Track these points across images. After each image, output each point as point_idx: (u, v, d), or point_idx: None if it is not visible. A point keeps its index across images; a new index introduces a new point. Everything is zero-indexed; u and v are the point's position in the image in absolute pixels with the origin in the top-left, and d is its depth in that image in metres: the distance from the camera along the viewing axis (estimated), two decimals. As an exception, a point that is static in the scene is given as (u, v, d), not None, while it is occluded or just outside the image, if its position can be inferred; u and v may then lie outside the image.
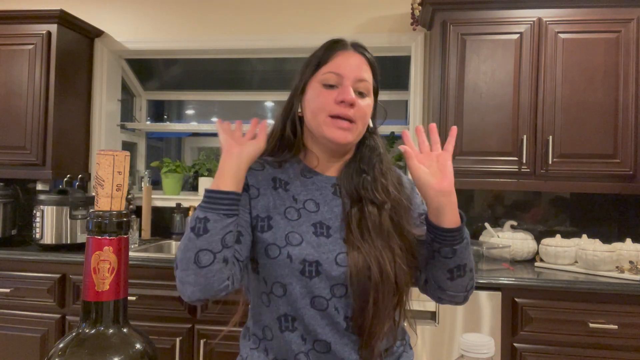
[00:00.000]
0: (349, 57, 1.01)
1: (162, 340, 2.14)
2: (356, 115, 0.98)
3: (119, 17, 2.94)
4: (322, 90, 1.00)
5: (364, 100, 1.01)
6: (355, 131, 1.00)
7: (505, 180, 2.27)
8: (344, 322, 0.95)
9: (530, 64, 2.26)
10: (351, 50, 1.02)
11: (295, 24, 2.80)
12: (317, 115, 1.00)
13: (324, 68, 1.01)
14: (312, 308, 0.94)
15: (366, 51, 1.04)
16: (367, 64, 1.03)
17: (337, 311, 0.95)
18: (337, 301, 0.95)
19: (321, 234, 0.97)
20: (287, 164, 1.06)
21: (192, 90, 3.36)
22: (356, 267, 0.93)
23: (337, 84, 0.99)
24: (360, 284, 0.93)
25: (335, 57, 1.01)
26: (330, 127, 0.98)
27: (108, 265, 0.51)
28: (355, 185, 1.03)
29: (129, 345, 0.52)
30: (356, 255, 0.94)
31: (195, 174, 3.07)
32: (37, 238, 2.40)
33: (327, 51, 1.02)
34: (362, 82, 1.00)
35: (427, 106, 2.68)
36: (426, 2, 2.35)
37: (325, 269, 0.94)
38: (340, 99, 0.97)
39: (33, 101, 2.55)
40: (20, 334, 2.25)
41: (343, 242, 0.97)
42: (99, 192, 0.53)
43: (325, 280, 0.94)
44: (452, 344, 2.03)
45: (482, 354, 0.64)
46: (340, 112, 0.97)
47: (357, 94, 0.99)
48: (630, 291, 1.92)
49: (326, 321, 0.95)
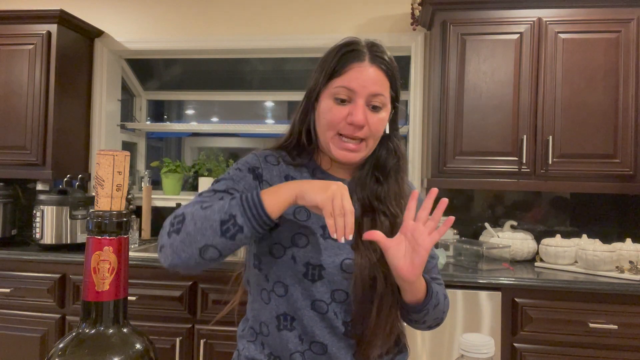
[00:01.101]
0: (363, 70, 0.95)
1: (162, 340, 2.14)
2: (366, 134, 0.96)
3: (119, 17, 2.94)
4: (334, 105, 0.95)
5: (378, 114, 0.96)
6: (363, 150, 0.98)
7: (505, 180, 2.27)
8: (342, 327, 0.95)
9: (530, 64, 2.26)
10: (366, 61, 0.96)
11: (296, 24, 2.80)
12: (326, 131, 0.97)
13: (336, 80, 0.95)
14: (312, 310, 0.94)
15: (384, 60, 0.98)
16: (384, 76, 0.97)
17: (335, 315, 0.95)
18: (337, 306, 0.95)
19: (329, 237, 0.96)
20: (301, 163, 1.04)
21: (192, 90, 3.36)
22: (362, 275, 0.92)
23: (349, 99, 0.95)
24: (364, 292, 0.93)
25: (348, 70, 0.95)
26: (337, 147, 0.96)
27: (108, 265, 0.51)
28: (368, 195, 1.00)
29: (129, 345, 0.52)
30: (363, 263, 0.93)
31: (195, 174, 3.07)
32: (37, 238, 2.39)
33: (340, 61, 0.96)
34: (377, 96, 0.95)
35: (427, 106, 2.68)
36: (426, 2, 2.35)
37: (328, 274, 0.94)
38: (350, 121, 0.94)
39: (33, 101, 2.55)
40: (20, 334, 2.25)
41: (350, 248, 0.95)
42: (99, 192, 0.53)
43: (327, 284, 0.94)
44: (452, 344, 2.03)
45: (482, 354, 0.64)
46: (349, 134, 0.95)
47: (370, 108, 0.95)
48: (630, 291, 1.92)
49: (325, 324, 0.95)
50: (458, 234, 2.54)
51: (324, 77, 0.97)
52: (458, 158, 2.27)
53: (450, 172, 2.28)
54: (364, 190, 1.00)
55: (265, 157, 1.02)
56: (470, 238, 2.56)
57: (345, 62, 0.96)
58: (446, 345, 2.03)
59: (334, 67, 0.96)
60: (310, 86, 1.02)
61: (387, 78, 0.98)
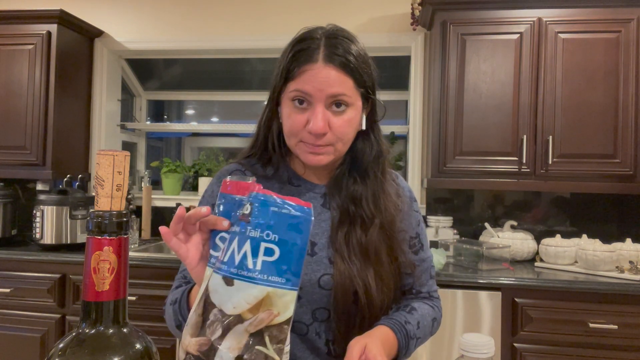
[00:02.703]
0: (317, 73, 0.84)
1: (162, 340, 2.14)
2: (331, 139, 0.87)
3: (119, 17, 2.94)
4: (292, 111, 0.87)
5: (343, 115, 0.87)
6: (332, 153, 0.89)
7: (505, 180, 2.27)
8: (325, 347, 0.91)
9: (530, 64, 2.26)
10: (319, 63, 0.85)
11: (295, 24, 2.77)
12: (289, 137, 0.90)
13: (291, 84, 0.87)
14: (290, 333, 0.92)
15: (342, 55, 0.86)
16: (344, 73, 0.86)
17: (317, 336, 0.91)
18: (319, 325, 0.90)
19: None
20: (273, 170, 0.97)
21: (192, 90, 3.36)
22: (342, 290, 0.87)
23: (308, 103, 0.86)
24: (345, 308, 0.88)
25: (301, 72, 0.85)
26: (303, 152, 0.89)
27: (108, 265, 0.51)
28: (345, 198, 0.93)
29: (129, 345, 0.52)
30: (342, 277, 0.87)
31: (195, 174, 3.07)
32: (37, 238, 2.39)
33: (293, 63, 0.86)
34: (338, 96, 0.85)
35: (427, 106, 2.68)
36: (426, 2, 2.35)
37: (305, 293, 0.88)
38: (309, 129, 0.85)
39: (33, 101, 2.55)
40: (20, 334, 2.25)
41: (329, 262, 0.90)
42: (99, 192, 0.53)
43: (306, 304, 0.89)
44: (452, 344, 2.03)
45: (482, 354, 0.64)
46: (311, 142, 0.87)
47: (333, 107, 0.86)
48: (630, 291, 1.92)
49: (306, 346, 0.91)
50: (458, 234, 2.54)
51: (279, 79, 0.89)
52: (458, 158, 2.27)
53: (450, 172, 2.28)
54: (340, 194, 0.94)
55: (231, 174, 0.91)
56: (470, 238, 2.56)
57: (298, 64, 0.86)
58: (446, 345, 2.03)
59: (287, 69, 0.87)
60: (271, 87, 0.93)
61: (349, 75, 0.86)
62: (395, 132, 2.81)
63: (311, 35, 0.88)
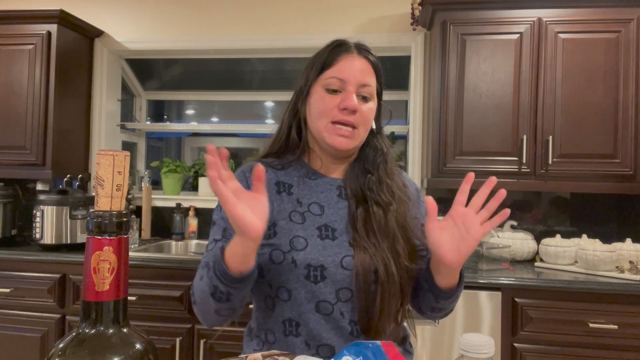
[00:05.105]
0: (352, 61, 1.00)
1: (162, 340, 2.14)
2: (358, 121, 0.98)
3: (119, 17, 2.94)
4: (325, 95, 0.99)
5: (367, 104, 1.00)
6: (357, 137, 1.00)
7: (505, 180, 2.27)
8: (349, 326, 0.95)
9: (530, 64, 2.26)
10: (355, 53, 1.01)
11: (295, 24, 2.80)
12: (319, 120, 1.00)
13: (327, 72, 1.00)
14: (316, 312, 0.94)
15: (370, 54, 1.03)
16: (371, 68, 1.02)
17: (342, 315, 0.95)
18: (343, 305, 0.95)
19: (326, 237, 0.97)
20: (291, 167, 1.05)
21: (192, 90, 3.36)
22: (363, 269, 0.93)
23: (340, 89, 0.99)
24: (366, 286, 0.93)
25: (338, 61, 1.00)
26: (331, 133, 0.98)
27: (108, 265, 0.51)
28: (360, 186, 1.02)
29: (129, 345, 0.52)
30: (363, 256, 0.94)
31: (195, 174, 3.07)
32: (37, 238, 2.39)
33: (330, 54, 1.01)
34: (366, 87, 0.99)
35: (427, 106, 2.68)
36: (426, 2, 2.35)
37: (330, 273, 0.94)
38: (343, 106, 0.97)
39: (33, 101, 2.55)
40: (20, 334, 2.25)
41: (349, 245, 0.97)
42: (99, 192, 0.53)
43: (330, 284, 0.94)
44: (452, 344, 2.03)
45: (482, 354, 0.64)
46: (342, 119, 0.97)
47: (360, 98, 0.99)
48: (630, 291, 1.92)
49: (331, 325, 0.95)
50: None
51: (315, 71, 1.02)
52: (458, 158, 2.27)
53: (450, 172, 2.28)
54: (356, 184, 1.03)
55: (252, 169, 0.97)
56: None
57: (335, 55, 1.01)
58: (446, 345, 2.03)
59: (324, 60, 1.01)
60: (300, 84, 1.05)
61: (374, 71, 1.03)
62: (395, 132, 2.81)
63: (344, 39, 1.05)
